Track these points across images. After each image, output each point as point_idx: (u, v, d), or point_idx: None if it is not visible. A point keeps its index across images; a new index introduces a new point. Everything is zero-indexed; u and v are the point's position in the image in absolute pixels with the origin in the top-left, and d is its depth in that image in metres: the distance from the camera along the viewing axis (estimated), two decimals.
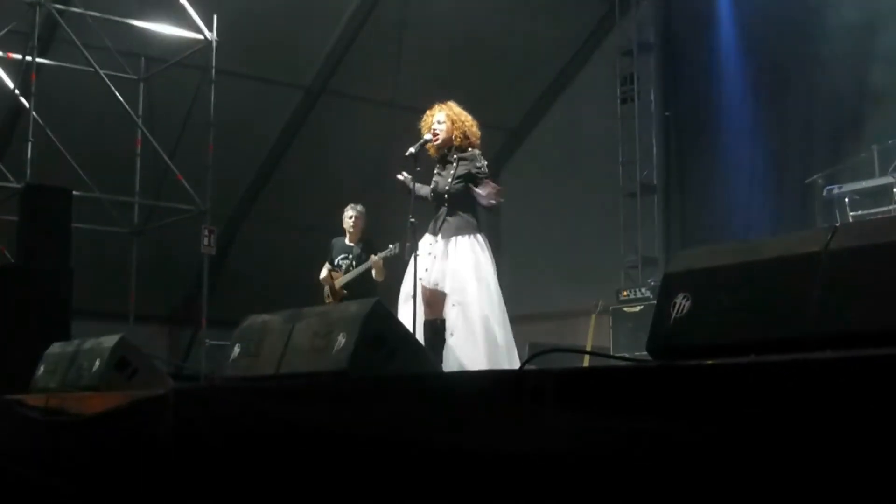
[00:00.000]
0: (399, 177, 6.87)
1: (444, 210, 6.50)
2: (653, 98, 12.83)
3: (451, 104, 6.69)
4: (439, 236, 6.43)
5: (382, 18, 12.76)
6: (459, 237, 6.39)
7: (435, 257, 6.38)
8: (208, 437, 3.49)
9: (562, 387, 2.27)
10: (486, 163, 6.53)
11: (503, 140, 14.35)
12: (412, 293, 6.23)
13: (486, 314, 6.22)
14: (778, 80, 11.29)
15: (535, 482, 2.26)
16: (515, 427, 2.34)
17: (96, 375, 4.93)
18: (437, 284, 6.30)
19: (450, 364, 6.09)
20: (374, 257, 8.60)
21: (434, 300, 6.31)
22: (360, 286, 8.92)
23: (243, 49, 12.22)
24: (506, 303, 6.48)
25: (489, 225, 8.22)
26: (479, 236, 6.43)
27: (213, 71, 11.79)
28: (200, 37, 11.76)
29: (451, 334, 6.16)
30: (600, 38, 13.92)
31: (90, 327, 7.99)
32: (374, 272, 8.72)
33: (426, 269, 6.33)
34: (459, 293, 6.23)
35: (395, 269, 7.44)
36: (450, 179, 6.49)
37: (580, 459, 2.16)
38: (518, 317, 7.14)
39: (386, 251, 8.38)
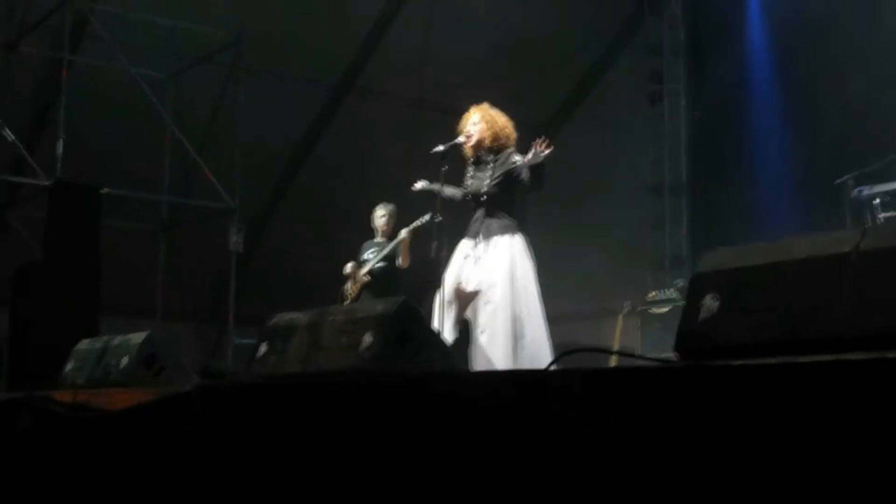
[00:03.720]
0: (416, 185, 6.90)
1: (481, 213, 6.48)
2: (681, 97, 12.78)
3: (486, 106, 6.68)
4: (480, 237, 6.41)
5: (411, 16, 12.77)
6: (498, 237, 6.37)
7: (478, 258, 6.36)
8: (234, 435, 3.50)
9: (588, 387, 2.26)
10: (521, 158, 6.49)
11: (530, 137, 14.32)
12: (449, 300, 6.25)
13: (519, 315, 6.17)
14: (807, 79, 11.23)
15: (560, 483, 2.25)
16: (541, 427, 2.34)
17: (124, 372, 4.96)
18: (478, 286, 6.27)
19: (478, 363, 6.08)
20: (403, 232, 8.53)
21: (472, 301, 6.31)
22: (384, 275, 8.90)
23: (270, 46, 12.25)
24: None
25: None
26: (518, 236, 6.40)
27: (240, 68, 11.82)
28: (228, 34, 11.79)
29: (482, 332, 6.14)
30: (629, 36, 13.88)
31: (118, 323, 8.03)
32: (399, 258, 8.70)
33: (471, 273, 6.32)
34: (492, 291, 6.21)
35: (422, 258, 7.40)
36: (486, 181, 6.48)
37: (607, 461, 2.16)
38: (546, 318, 7.10)
39: (416, 222, 8.30)
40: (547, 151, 6.15)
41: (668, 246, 12.48)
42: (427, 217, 7.92)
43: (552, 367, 2.61)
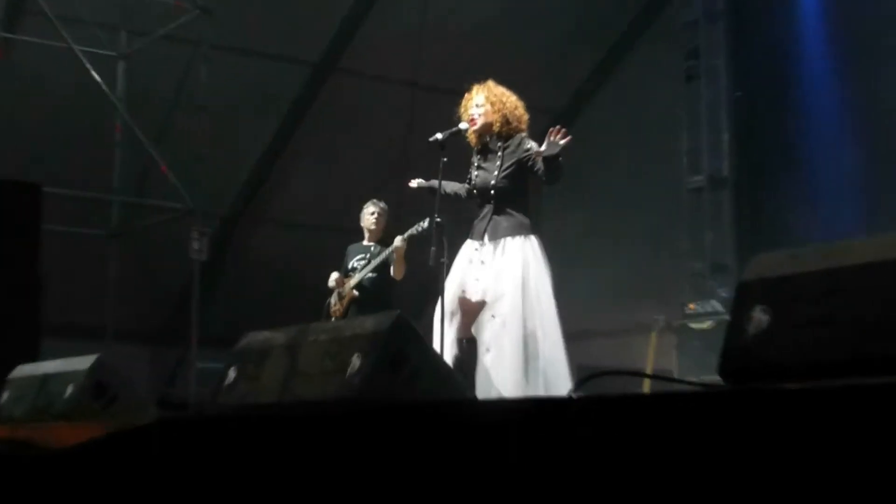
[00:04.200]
0: (412, 183, 6.89)
1: (489, 209, 6.45)
2: (722, 76, 12.79)
3: (491, 84, 6.66)
4: (486, 238, 6.39)
5: None
6: (509, 238, 6.34)
7: (483, 263, 6.34)
8: (199, 477, 3.50)
9: (617, 417, 2.25)
10: (534, 144, 6.47)
11: (545, 126, 14.32)
12: (452, 310, 6.23)
13: (531, 331, 6.14)
14: (869, 53, 11.22)
15: None
16: (561, 465, 2.33)
17: (69, 403, 4.95)
18: (484, 296, 6.25)
19: (485, 388, 6.06)
20: (398, 240, 8.52)
21: (476, 313, 6.29)
22: (375, 287, 8.92)
23: (240, 20, 12.26)
24: None
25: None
26: (532, 238, 6.37)
27: (206, 46, 11.83)
28: (191, 7, 11.80)
29: (488, 351, 6.12)
30: (660, 5, 13.90)
31: (62, 346, 8.02)
32: (392, 268, 8.70)
33: (476, 279, 6.30)
34: (500, 303, 6.18)
35: (419, 267, 7.40)
36: (496, 173, 6.45)
37: None
38: (563, 335, 7.10)
39: (412, 229, 8.30)
40: (563, 141, 6.14)
41: (709, 250, 12.48)
42: (425, 224, 7.92)
43: (572, 394, 2.61)
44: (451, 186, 6.71)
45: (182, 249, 11.71)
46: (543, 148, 6.20)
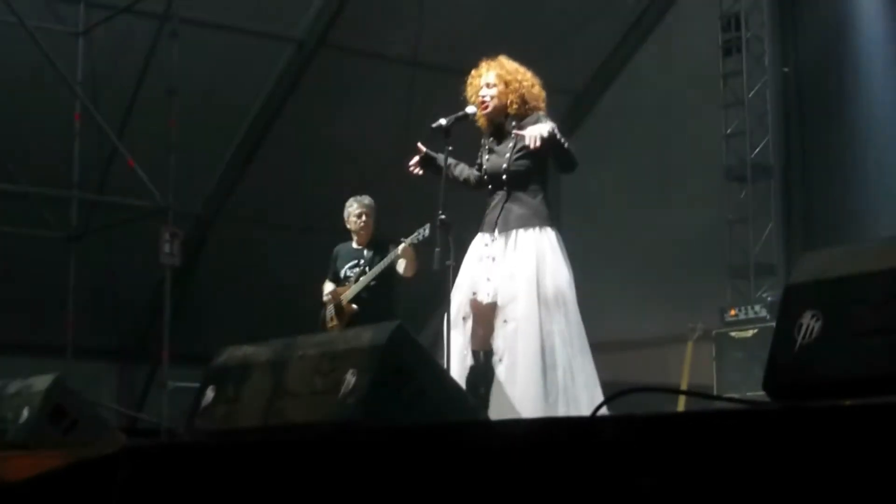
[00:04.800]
0: (414, 160, 6.80)
1: (500, 196, 6.43)
2: (767, 49, 12.79)
3: (503, 60, 6.64)
4: (497, 230, 6.37)
5: None
6: (521, 231, 6.32)
7: (493, 259, 6.32)
8: None
9: (648, 439, 2.25)
10: (554, 124, 6.45)
11: (564, 108, 14.34)
12: (464, 314, 6.21)
13: (549, 335, 6.13)
14: None
15: None
16: (586, 493, 2.33)
17: (24, 429, 4.96)
18: (494, 297, 6.23)
19: (498, 404, 6.06)
20: (401, 246, 8.51)
21: (491, 320, 6.27)
22: (375, 298, 8.91)
23: None
24: None
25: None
26: (549, 230, 6.35)
27: (176, 20, 11.83)
28: None
29: (500, 361, 6.10)
30: None
31: (16, 365, 8.03)
32: (400, 266, 8.67)
33: (488, 279, 6.28)
34: (512, 305, 6.15)
35: (422, 272, 7.40)
36: (507, 155, 6.44)
37: None
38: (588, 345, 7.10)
39: (412, 237, 8.31)
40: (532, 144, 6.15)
41: (753, 248, 12.48)
42: (426, 231, 7.94)
43: (601, 413, 2.61)
44: (460, 170, 6.68)
45: (151, 253, 11.71)
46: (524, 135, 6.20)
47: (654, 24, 14.25)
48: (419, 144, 6.66)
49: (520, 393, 6.02)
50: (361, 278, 8.96)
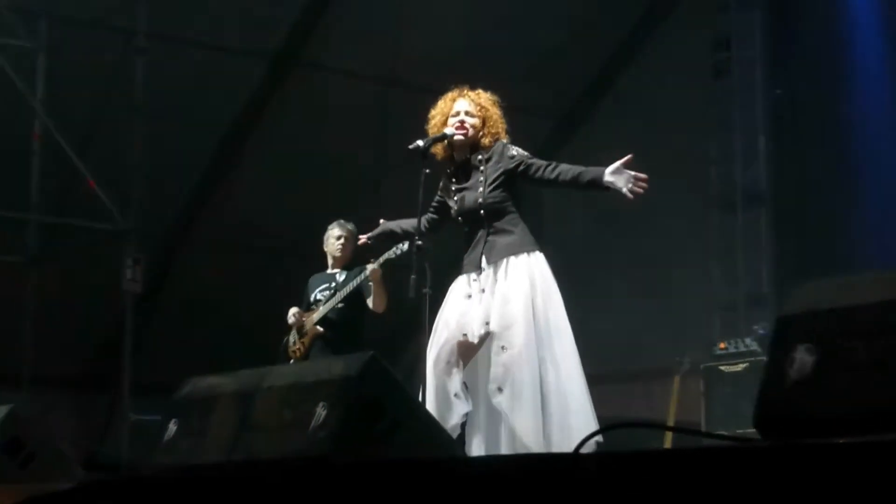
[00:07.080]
0: (363, 238, 7.03)
1: (481, 234, 6.47)
2: (757, 70, 12.84)
3: (482, 93, 6.69)
4: (483, 263, 6.40)
5: None
6: (512, 258, 6.36)
7: (483, 291, 6.34)
8: None
9: (633, 477, 2.25)
10: (518, 149, 6.54)
11: (547, 131, 14.35)
12: (449, 358, 6.24)
13: (543, 362, 6.15)
14: None
15: None
16: None
17: None
18: (489, 327, 6.25)
19: (495, 434, 6.10)
20: (371, 265, 8.51)
21: (476, 351, 6.32)
22: (343, 321, 8.91)
23: (182, 5, 12.28)
24: None
25: None
26: (537, 254, 6.40)
27: (142, 36, 11.83)
28: None
29: (500, 390, 6.11)
30: None
31: None
32: (366, 297, 8.69)
33: (481, 316, 6.30)
34: (510, 332, 6.17)
35: (397, 299, 7.39)
36: (481, 189, 6.47)
37: None
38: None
39: (389, 253, 8.28)
40: (632, 186, 6.40)
41: (743, 278, 12.50)
42: (404, 246, 7.91)
43: (588, 448, 2.61)
44: (403, 225, 6.89)
45: (113, 279, 11.69)
46: (609, 171, 6.35)
47: (640, 46, 14.29)
48: (363, 238, 6.95)
49: (521, 423, 6.05)
50: (331, 299, 8.96)
